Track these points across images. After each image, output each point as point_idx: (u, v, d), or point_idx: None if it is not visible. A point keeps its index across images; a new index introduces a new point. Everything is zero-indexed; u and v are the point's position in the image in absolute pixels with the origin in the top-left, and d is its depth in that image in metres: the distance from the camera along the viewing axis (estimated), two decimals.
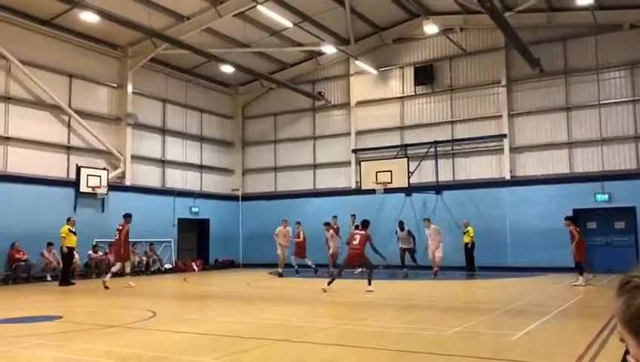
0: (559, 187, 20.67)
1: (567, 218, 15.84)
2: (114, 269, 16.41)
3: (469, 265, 20.26)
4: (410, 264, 19.06)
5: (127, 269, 17.38)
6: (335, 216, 21.18)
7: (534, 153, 21.77)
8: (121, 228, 16.44)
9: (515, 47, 19.26)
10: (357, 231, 14.46)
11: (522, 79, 22.00)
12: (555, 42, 21.46)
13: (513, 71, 22.18)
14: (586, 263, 15.53)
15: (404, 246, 19.20)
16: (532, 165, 21.71)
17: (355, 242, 13.91)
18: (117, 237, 16.57)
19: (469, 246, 20.23)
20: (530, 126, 21.86)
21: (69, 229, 16.93)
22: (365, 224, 14.40)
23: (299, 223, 20.67)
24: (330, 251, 19.89)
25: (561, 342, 7.28)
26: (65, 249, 16.89)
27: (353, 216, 20.72)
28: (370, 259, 13.95)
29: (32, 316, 10.06)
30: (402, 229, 19.42)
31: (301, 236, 20.30)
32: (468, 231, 20.24)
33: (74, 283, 17.04)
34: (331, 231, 20.21)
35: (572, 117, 21.21)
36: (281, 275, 19.24)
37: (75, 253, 17.69)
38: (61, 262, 17.56)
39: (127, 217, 16.60)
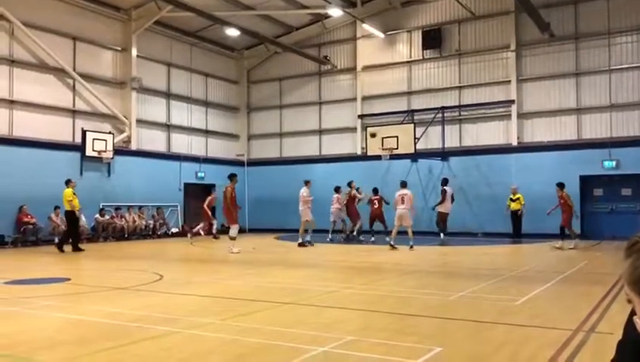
0: (567, 153, 20.55)
1: (558, 184, 16.69)
2: (232, 234, 15.54)
3: (516, 232, 19.88)
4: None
5: (235, 233, 15.64)
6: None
7: (542, 119, 21.57)
8: (224, 189, 15.69)
9: (525, 10, 18.90)
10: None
11: (532, 44, 21.64)
12: (566, 5, 21.04)
13: (523, 35, 21.80)
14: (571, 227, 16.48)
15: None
16: (540, 131, 21.54)
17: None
18: (223, 201, 15.67)
19: (519, 213, 19.74)
20: (539, 92, 21.61)
21: (72, 192, 16.10)
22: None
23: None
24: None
25: (564, 307, 7.32)
26: (77, 212, 16.20)
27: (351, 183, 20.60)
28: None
29: (40, 278, 10.20)
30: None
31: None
32: (519, 198, 19.72)
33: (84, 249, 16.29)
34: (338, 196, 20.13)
35: (581, 83, 20.92)
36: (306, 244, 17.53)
37: (82, 216, 17.38)
38: (67, 225, 16.60)
39: (233, 177, 15.81)
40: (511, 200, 19.81)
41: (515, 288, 9.04)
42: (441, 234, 18.05)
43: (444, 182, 18.87)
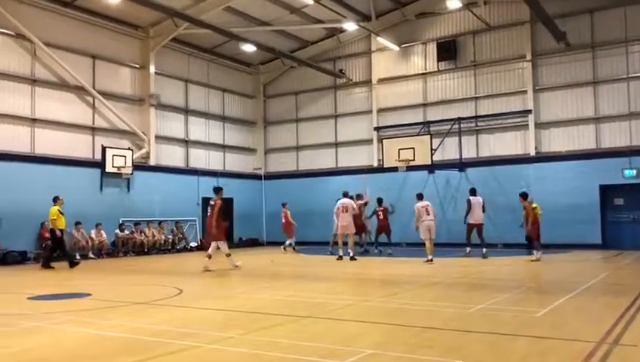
0: (585, 163, 20.36)
1: (521, 194, 16.40)
2: (226, 250, 14.65)
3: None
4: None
5: (224, 249, 14.67)
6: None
7: (560, 129, 21.42)
8: (213, 203, 14.64)
9: (541, 20, 18.85)
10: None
11: (548, 53, 21.56)
12: (582, 15, 20.96)
13: (538, 45, 21.73)
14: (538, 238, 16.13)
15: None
16: (558, 141, 21.38)
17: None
18: (209, 214, 14.76)
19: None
20: (556, 101, 21.49)
21: (58, 210, 15.63)
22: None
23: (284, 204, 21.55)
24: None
25: (587, 318, 7.23)
26: (58, 232, 15.52)
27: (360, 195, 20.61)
28: None
29: (62, 293, 10.33)
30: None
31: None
32: (535, 209, 19.11)
33: (54, 267, 15.38)
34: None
35: (599, 91, 20.77)
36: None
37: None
38: (49, 245, 16.04)
39: (220, 190, 14.88)
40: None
41: (536, 299, 8.95)
42: (484, 249, 16.74)
43: (471, 192, 18.00)
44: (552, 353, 5.47)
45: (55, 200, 15.84)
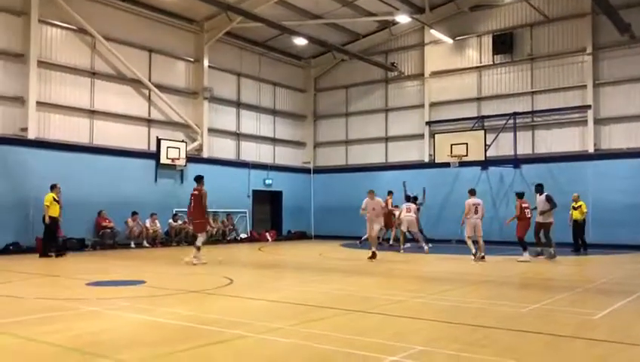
0: None
1: (516, 193, 15.96)
2: (200, 243, 13.95)
3: (578, 243, 17.88)
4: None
5: (199, 242, 13.98)
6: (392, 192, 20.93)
7: (621, 125, 20.56)
8: (197, 192, 14.02)
9: (603, 11, 18.10)
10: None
11: (610, 46, 20.71)
12: None
13: (600, 38, 20.90)
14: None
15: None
16: (618, 138, 20.54)
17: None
18: (192, 205, 14.08)
19: (581, 222, 17.86)
20: (617, 96, 20.63)
21: (53, 198, 15.38)
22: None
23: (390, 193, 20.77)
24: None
25: None
26: (48, 219, 15.25)
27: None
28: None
29: (118, 280, 10.66)
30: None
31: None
32: (581, 207, 17.86)
33: (52, 256, 15.40)
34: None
35: None
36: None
37: (59, 222, 15.83)
38: (44, 232, 15.62)
39: (202, 179, 14.26)
40: (573, 208, 17.93)
41: (593, 301, 8.64)
42: (552, 250, 15.44)
43: (537, 188, 16.12)
44: (611, 357, 5.26)
45: (52, 187, 15.61)
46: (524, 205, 15.42)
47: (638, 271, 13.36)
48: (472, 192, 15.79)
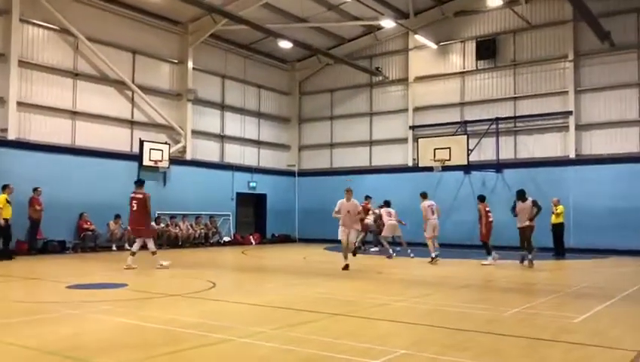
0: (629, 166, 19.79)
1: (478, 197, 16.10)
2: (154, 248, 13.63)
3: (558, 248, 18.14)
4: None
5: (152, 246, 13.61)
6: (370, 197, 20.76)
7: (602, 131, 20.86)
8: (141, 196, 13.26)
9: (584, 19, 18.36)
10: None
11: (591, 53, 21.02)
12: (627, 14, 20.37)
13: (581, 45, 21.20)
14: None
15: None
16: (599, 143, 20.83)
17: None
18: (135, 209, 13.24)
19: (560, 227, 18.07)
20: (598, 103, 20.93)
21: (6, 199, 14.83)
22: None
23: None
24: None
25: (627, 326, 7.02)
26: (2, 221, 14.75)
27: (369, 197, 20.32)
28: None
29: (99, 283, 10.55)
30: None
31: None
32: (558, 211, 18.06)
33: (14, 258, 15.21)
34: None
35: None
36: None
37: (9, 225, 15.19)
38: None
39: (143, 183, 13.84)
40: (552, 213, 18.07)
41: (573, 305, 8.74)
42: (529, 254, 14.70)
43: (519, 195, 15.33)
44: (590, 360, 5.33)
45: (4, 188, 15.08)
46: (487, 208, 15.58)
47: (618, 276, 13.54)
48: (425, 195, 16.17)
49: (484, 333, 6.36)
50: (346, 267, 13.39)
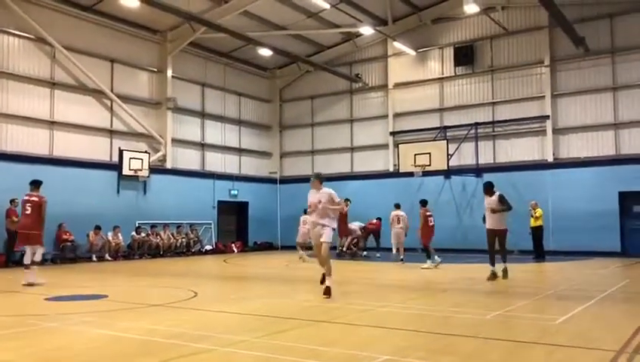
0: (605, 169, 20.13)
1: (420, 202, 16.48)
2: (39, 258, 12.14)
3: (538, 251, 18.43)
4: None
5: (38, 257, 12.08)
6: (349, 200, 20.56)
7: (578, 135, 21.20)
8: (36, 199, 11.91)
9: (559, 25, 18.67)
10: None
11: (566, 59, 21.38)
12: (601, 19, 20.76)
13: (557, 50, 21.56)
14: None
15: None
16: (576, 147, 21.17)
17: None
18: (28, 213, 11.86)
19: (537, 229, 18.35)
20: (575, 107, 21.29)
21: None
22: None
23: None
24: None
25: (607, 327, 7.11)
26: None
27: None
28: None
29: (79, 294, 10.39)
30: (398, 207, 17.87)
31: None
32: (537, 214, 18.30)
33: None
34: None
35: (619, 97, 20.54)
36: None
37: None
38: None
39: (40, 184, 12.21)
40: (532, 216, 18.34)
41: (554, 307, 8.83)
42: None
43: (486, 189, 13.89)
44: (572, 361, 5.37)
45: None
46: (427, 213, 15.97)
47: (597, 277, 13.72)
48: (397, 206, 17.57)
49: (468, 337, 6.38)
50: (323, 279, 10.14)
